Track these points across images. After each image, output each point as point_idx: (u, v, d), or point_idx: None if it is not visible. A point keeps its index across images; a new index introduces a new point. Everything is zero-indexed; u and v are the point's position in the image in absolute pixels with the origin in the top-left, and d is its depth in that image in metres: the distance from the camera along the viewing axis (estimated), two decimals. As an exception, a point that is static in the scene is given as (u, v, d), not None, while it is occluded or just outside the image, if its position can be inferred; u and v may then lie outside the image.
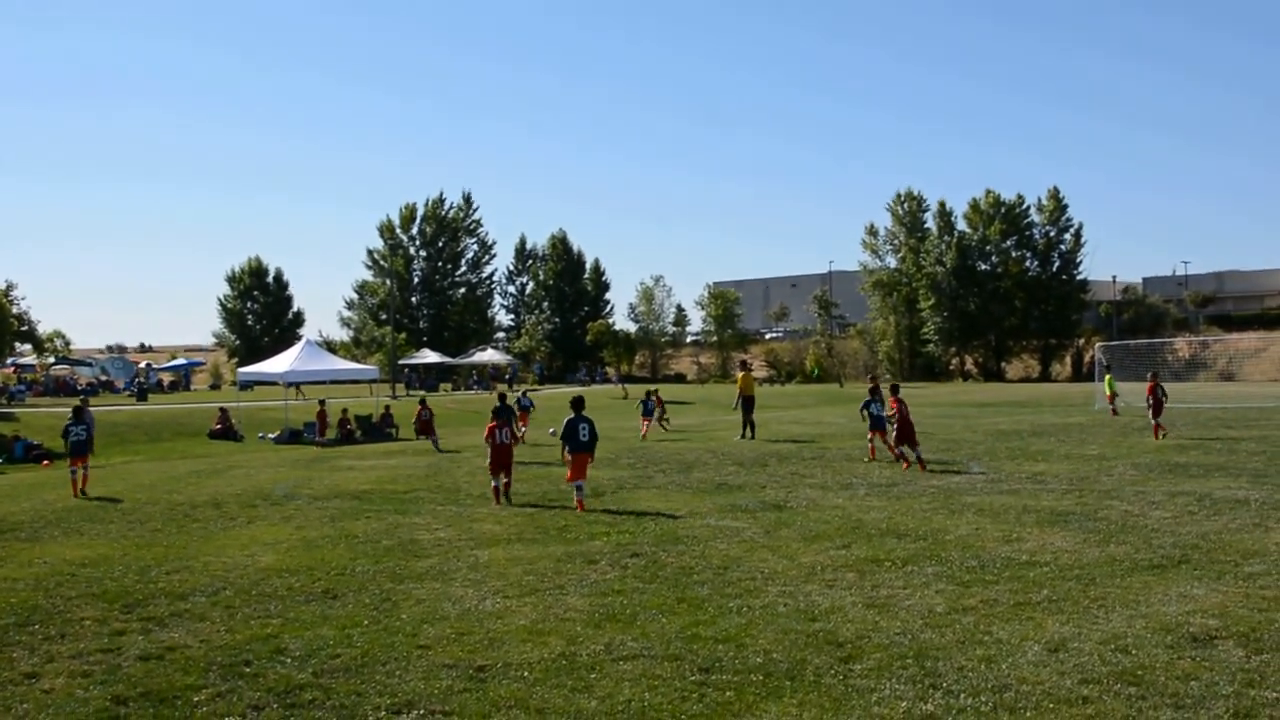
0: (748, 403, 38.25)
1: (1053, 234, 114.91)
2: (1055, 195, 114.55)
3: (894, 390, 28.46)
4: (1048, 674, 9.47)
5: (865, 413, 29.31)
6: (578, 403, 22.14)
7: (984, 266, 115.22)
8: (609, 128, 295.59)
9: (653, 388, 51.72)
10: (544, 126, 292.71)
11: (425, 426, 42.81)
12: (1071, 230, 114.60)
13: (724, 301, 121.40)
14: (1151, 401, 34.54)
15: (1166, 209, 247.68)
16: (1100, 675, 9.38)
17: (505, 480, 22.58)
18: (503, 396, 31.51)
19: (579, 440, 21.32)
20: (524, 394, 50.12)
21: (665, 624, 11.59)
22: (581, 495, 20.98)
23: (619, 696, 9.17)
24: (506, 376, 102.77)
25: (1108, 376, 48.70)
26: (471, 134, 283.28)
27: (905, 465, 25.82)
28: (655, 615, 12.00)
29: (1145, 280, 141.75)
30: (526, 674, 9.87)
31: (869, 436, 29.14)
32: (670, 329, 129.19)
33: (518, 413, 38.23)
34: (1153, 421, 34.07)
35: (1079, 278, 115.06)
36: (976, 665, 9.78)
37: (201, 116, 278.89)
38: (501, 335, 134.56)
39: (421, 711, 8.93)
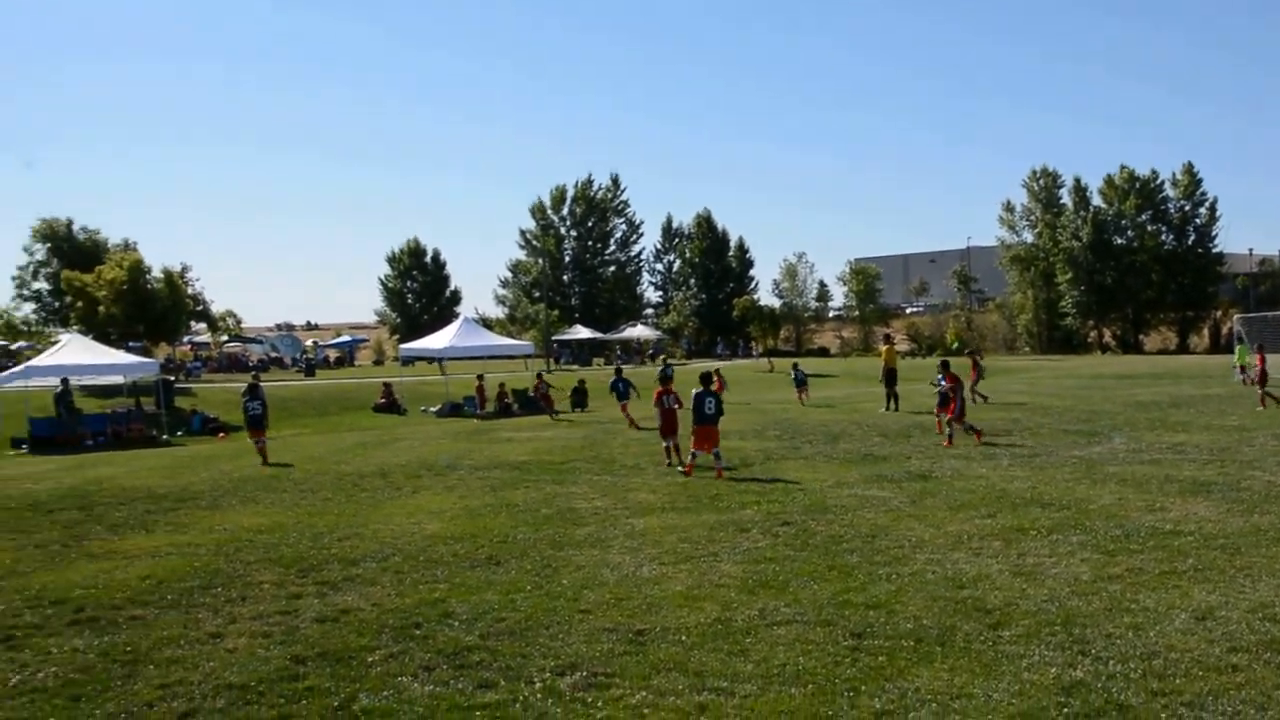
0: (890, 375, 37.89)
1: (1188, 208, 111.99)
2: (1190, 170, 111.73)
3: (944, 366, 27.81)
4: (1196, 642, 9.26)
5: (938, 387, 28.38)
6: (705, 378, 22.69)
7: (1120, 241, 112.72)
8: (752, 111, 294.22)
9: (797, 360, 51.75)
10: (687, 110, 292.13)
11: (544, 399, 43.19)
12: (1206, 204, 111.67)
13: (865, 277, 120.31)
14: (1258, 372, 34.48)
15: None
16: (1249, 644, 9.14)
17: (673, 441, 22.97)
18: (667, 365, 31.52)
19: (704, 413, 21.61)
20: (666, 365, 50.26)
21: (817, 590, 11.54)
22: (720, 464, 21.27)
23: (774, 660, 9.14)
24: (650, 352, 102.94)
25: (1239, 347, 47.52)
26: (620, 118, 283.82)
27: (948, 443, 25.07)
28: (807, 582, 11.95)
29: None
30: (684, 638, 9.88)
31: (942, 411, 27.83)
32: (813, 304, 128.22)
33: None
34: (1259, 391, 33.78)
35: (1214, 250, 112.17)
36: (1124, 633, 9.59)
37: (368, 99, 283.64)
38: (650, 311, 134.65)
39: (584, 673, 8.98)
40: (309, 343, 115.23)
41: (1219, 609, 10.25)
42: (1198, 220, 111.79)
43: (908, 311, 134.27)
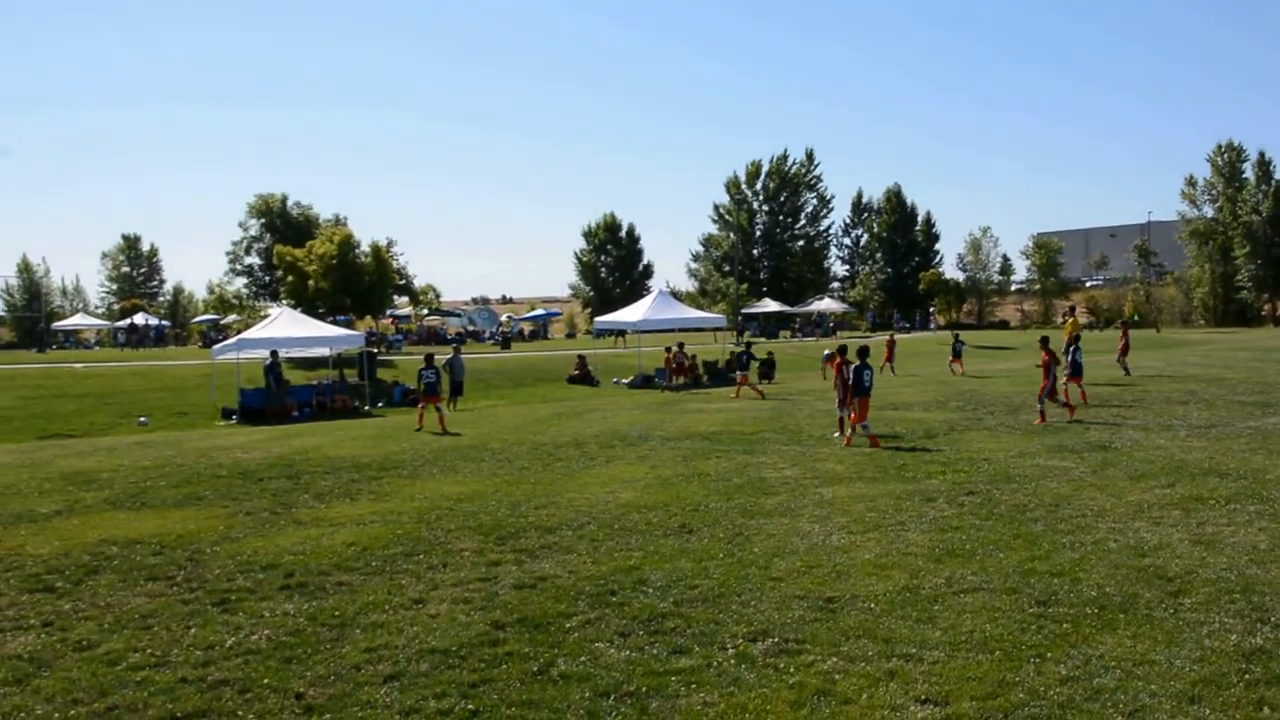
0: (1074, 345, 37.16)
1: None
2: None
3: (1043, 342, 26.62)
4: (1382, 614, 9.02)
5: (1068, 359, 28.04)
6: (863, 352, 22.72)
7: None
8: (946, 86, 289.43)
9: (958, 332, 51.54)
10: (882, 87, 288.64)
11: (680, 370, 43.19)
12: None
13: (1047, 251, 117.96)
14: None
15: None
16: None
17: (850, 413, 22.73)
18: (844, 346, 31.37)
19: (863, 385, 21.79)
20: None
21: (1002, 559, 11.48)
22: (870, 431, 21.54)
23: (961, 627, 9.15)
24: (832, 325, 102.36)
25: None
26: (813, 95, 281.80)
27: (1041, 419, 24.11)
28: (992, 550, 11.90)
29: None
30: (873, 605, 9.92)
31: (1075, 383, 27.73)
32: (996, 278, 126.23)
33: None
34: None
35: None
36: (1305, 602, 9.38)
37: (569, 76, 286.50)
38: (836, 285, 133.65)
39: (776, 640, 9.07)
40: (504, 316, 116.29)
41: (1404, 579, 9.95)
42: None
43: (1087, 285, 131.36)
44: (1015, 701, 7.52)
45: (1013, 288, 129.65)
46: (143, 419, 39.93)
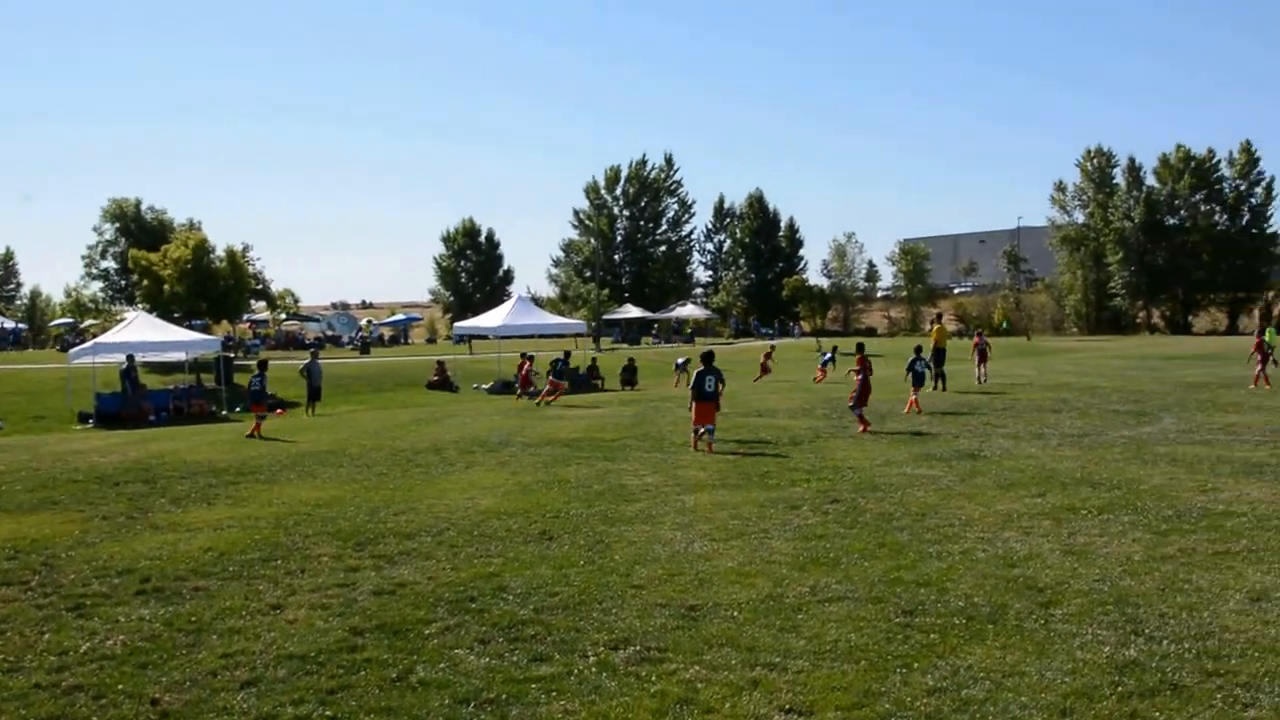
0: (939, 355, 37.81)
1: (1243, 188, 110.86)
2: (1247, 149, 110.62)
3: (859, 349, 27.60)
4: (1251, 623, 9.18)
5: (910, 373, 29.58)
6: (707, 357, 23.34)
7: (1172, 221, 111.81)
8: (806, 91, 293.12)
9: (836, 345, 53.01)
10: (742, 90, 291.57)
11: (524, 381, 43.47)
12: (1263, 184, 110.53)
13: (914, 257, 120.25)
14: (1259, 355, 35.39)
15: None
16: (1305, 626, 9.05)
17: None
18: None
19: (704, 391, 22.27)
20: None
21: (868, 568, 11.52)
22: (711, 439, 21.93)
23: (826, 636, 9.13)
24: (690, 331, 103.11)
25: (1269, 329, 47.21)
26: (674, 97, 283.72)
27: (863, 428, 24.57)
28: (857, 559, 11.93)
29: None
30: (736, 614, 9.88)
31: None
32: (862, 284, 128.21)
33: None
34: (1259, 371, 34.89)
35: (1269, 231, 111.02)
36: (1178, 613, 9.52)
37: (424, 78, 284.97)
38: (700, 291, 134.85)
39: (638, 648, 9.00)
40: (364, 321, 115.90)
41: (1273, 590, 10.15)
42: (1253, 200, 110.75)
43: (956, 291, 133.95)
44: (881, 712, 7.51)
45: (879, 294, 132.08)
46: (-2, 423, 39.26)
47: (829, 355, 48.11)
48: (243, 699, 8.12)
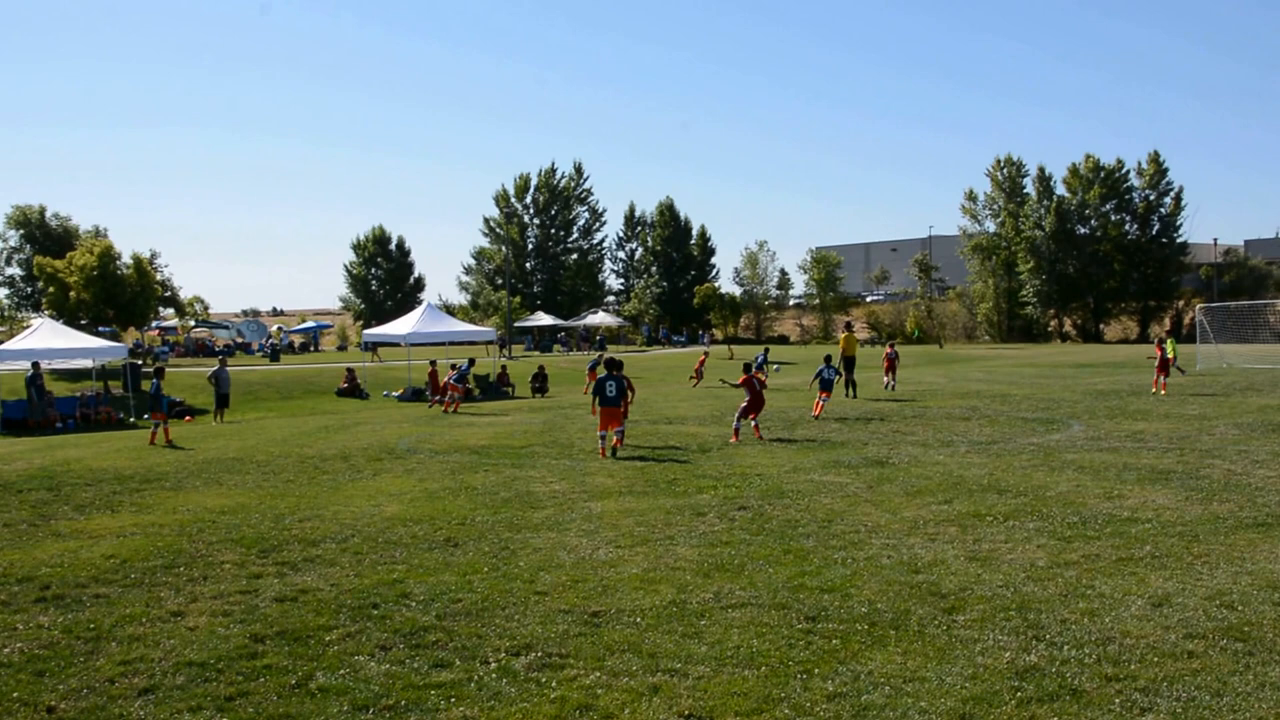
0: (849, 362, 38.13)
1: (1152, 198, 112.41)
2: (1155, 159, 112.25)
3: (745, 369, 27.42)
4: (1152, 628, 9.30)
5: (817, 379, 30.68)
6: (611, 363, 23.53)
7: (1083, 230, 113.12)
8: (717, 97, 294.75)
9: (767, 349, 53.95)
10: (652, 97, 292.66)
11: (434, 385, 43.51)
12: (1172, 194, 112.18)
13: (826, 265, 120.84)
14: (1160, 360, 36.96)
15: (1268, 172, 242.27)
16: (1205, 630, 9.18)
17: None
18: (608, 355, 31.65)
19: (606, 396, 22.54)
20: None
21: (772, 574, 11.56)
22: (605, 444, 22.42)
23: (728, 642, 9.14)
24: (599, 338, 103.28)
25: (1168, 340, 48.42)
26: (583, 105, 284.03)
27: (735, 438, 24.67)
28: (762, 566, 11.97)
29: (1247, 243, 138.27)
30: (639, 620, 9.88)
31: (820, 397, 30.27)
32: (774, 292, 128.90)
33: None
34: (1157, 376, 36.53)
35: (1179, 241, 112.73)
36: (1079, 618, 9.63)
37: (334, 86, 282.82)
38: (611, 299, 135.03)
39: (539, 654, 8.98)
40: (274, 328, 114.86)
41: (1175, 596, 10.29)
42: (1162, 210, 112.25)
43: (868, 300, 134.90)
44: (780, 717, 7.52)
45: (791, 302, 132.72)
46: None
47: (761, 357, 48.75)
48: (140, 706, 8.05)
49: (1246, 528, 13.48)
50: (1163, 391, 35.38)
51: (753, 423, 25.05)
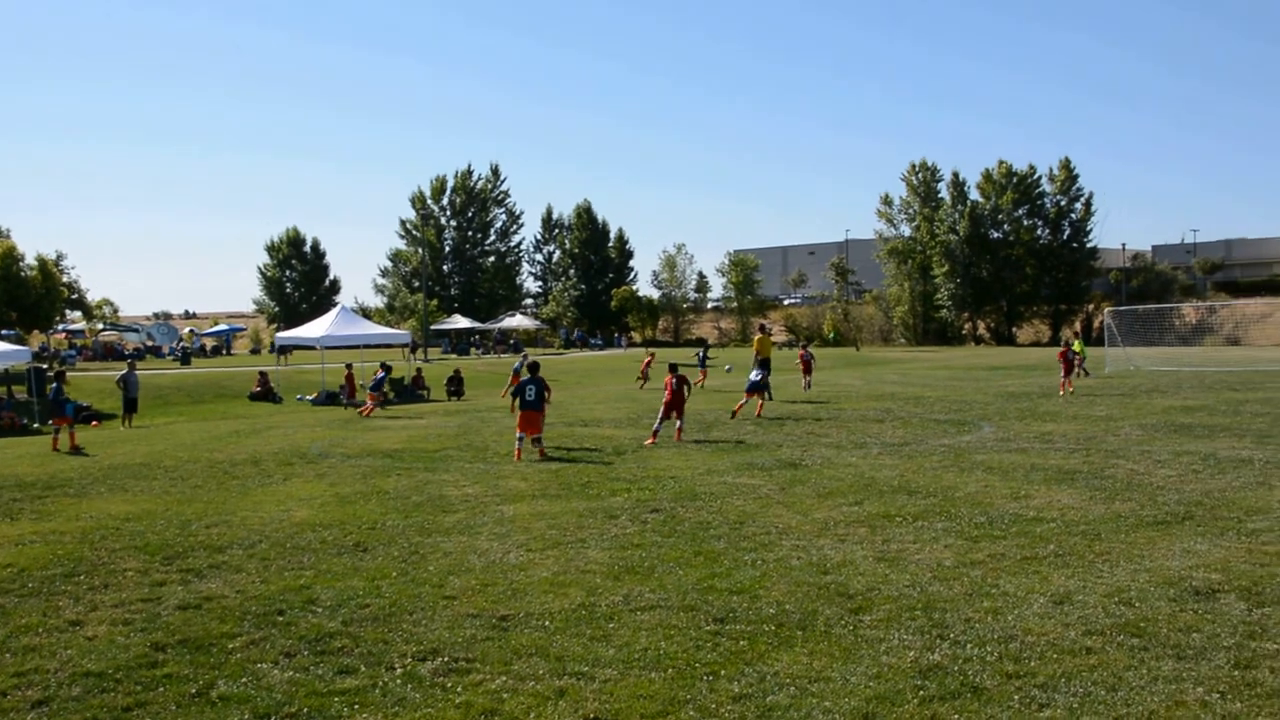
0: (764, 365, 38.34)
1: (1064, 203, 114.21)
2: (1066, 166, 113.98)
3: (671, 369, 27.36)
4: (1052, 625, 9.42)
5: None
6: (533, 367, 23.83)
7: (996, 234, 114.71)
8: (633, 100, 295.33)
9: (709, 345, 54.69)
10: (569, 100, 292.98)
11: (349, 388, 44.26)
12: (1082, 200, 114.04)
13: (744, 268, 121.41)
14: (1064, 363, 38.73)
15: (1176, 178, 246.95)
16: (1104, 627, 9.33)
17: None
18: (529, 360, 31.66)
19: (525, 399, 22.67)
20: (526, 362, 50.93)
21: (682, 576, 11.58)
22: (521, 446, 22.54)
23: (636, 645, 9.16)
24: (512, 341, 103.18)
25: (1076, 341, 49.69)
26: (500, 107, 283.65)
27: (651, 441, 24.93)
28: (672, 568, 11.99)
29: (1155, 248, 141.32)
30: (547, 623, 9.87)
31: (756, 397, 31.25)
32: (692, 295, 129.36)
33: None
34: (1063, 379, 38.37)
35: (1089, 245, 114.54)
36: (983, 617, 9.74)
37: (250, 89, 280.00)
38: (529, 302, 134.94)
39: (446, 659, 8.93)
40: (186, 331, 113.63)
41: (1076, 593, 10.44)
42: (1073, 215, 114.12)
43: (786, 303, 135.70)
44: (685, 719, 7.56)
45: (709, 305, 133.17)
46: None
47: (702, 354, 49.56)
48: (33, 719, 7.93)
49: (1146, 526, 13.71)
50: (1070, 389, 37.05)
51: (677, 424, 25.19)
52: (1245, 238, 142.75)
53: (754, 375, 31.19)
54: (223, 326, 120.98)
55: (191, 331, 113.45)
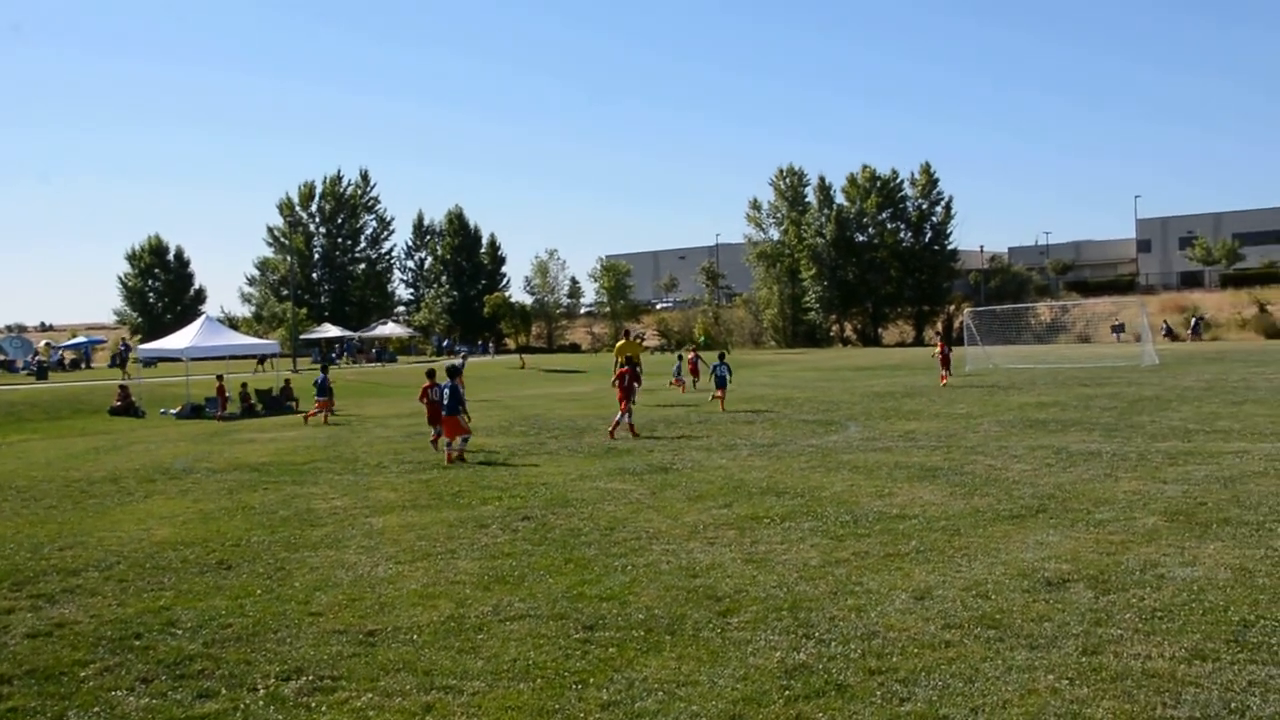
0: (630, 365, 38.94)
1: (925, 207, 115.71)
2: (927, 170, 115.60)
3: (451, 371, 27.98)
4: (913, 620, 9.57)
5: (714, 374, 36.04)
6: (452, 371, 24.57)
7: (861, 238, 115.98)
8: (504, 103, 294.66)
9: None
10: (436, 102, 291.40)
11: (221, 398, 44.78)
12: (942, 203, 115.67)
13: (615, 273, 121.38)
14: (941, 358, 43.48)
15: (1028, 183, 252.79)
16: (962, 620, 9.50)
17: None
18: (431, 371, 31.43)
19: (444, 404, 23.37)
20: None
21: (552, 584, 11.56)
22: (463, 446, 23.09)
23: (505, 656, 9.11)
24: (374, 349, 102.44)
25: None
26: (367, 111, 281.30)
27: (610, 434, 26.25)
28: (543, 576, 11.96)
29: (1010, 250, 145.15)
30: (415, 637, 9.77)
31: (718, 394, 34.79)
32: (565, 300, 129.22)
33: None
34: (942, 372, 42.83)
35: (949, 248, 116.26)
36: (847, 614, 9.85)
37: (113, 91, 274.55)
38: (401, 309, 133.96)
39: (310, 677, 8.79)
40: (42, 344, 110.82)
41: (936, 588, 10.62)
42: (934, 219, 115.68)
43: (658, 307, 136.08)
44: (554, 729, 7.54)
45: (583, 310, 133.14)
46: None
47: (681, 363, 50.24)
48: None
49: (1003, 520, 14.03)
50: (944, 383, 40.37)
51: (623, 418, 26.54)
52: (1093, 240, 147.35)
53: (720, 369, 35.94)
54: (81, 339, 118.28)
55: (48, 344, 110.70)
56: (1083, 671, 8.12)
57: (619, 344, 40.13)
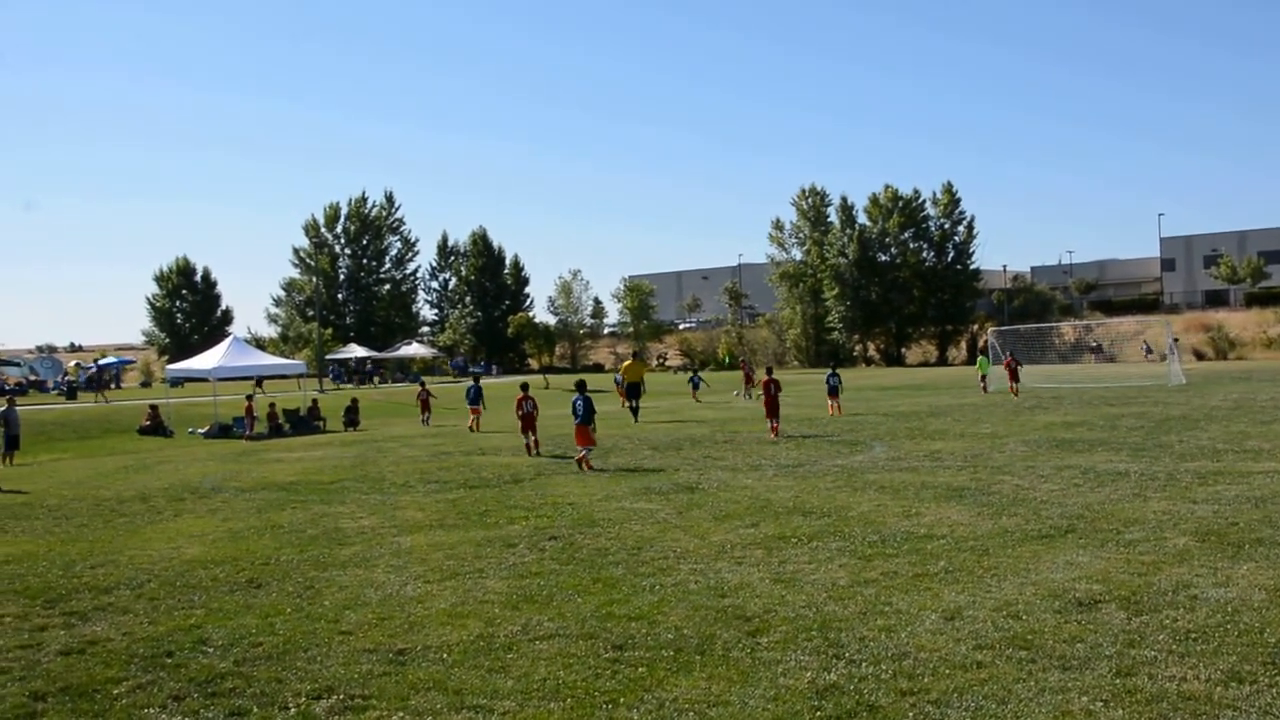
0: (633, 388, 39.39)
1: (947, 226, 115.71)
2: (949, 190, 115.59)
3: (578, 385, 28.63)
4: (944, 641, 9.47)
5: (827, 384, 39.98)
6: (580, 385, 26.21)
7: (884, 258, 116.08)
8: (526, 126, 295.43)
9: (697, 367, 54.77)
10: (463, 126, 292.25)
11: (250, 419, 45.23)
12: (965, 223, 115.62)
13: (639, 294, 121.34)
14: (1009, 370, 47.33)
15: (1053, 201, 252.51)
16: (993, 640, 9.40)
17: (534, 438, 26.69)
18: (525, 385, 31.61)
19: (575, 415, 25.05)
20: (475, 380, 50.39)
21: (580, 604, 11.50)
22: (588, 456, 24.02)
23: (534, 675, 9.05)
24: (375, 369, 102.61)
25: (980, 358, 51.45)
26: (394, 136, 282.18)
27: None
28: (571, 595, 11.91)
29: (1033, 269, 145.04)
30: (445, 656, 9.73)
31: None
32: (588, 321, 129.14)
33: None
34: (1010, 384, 46.59)
35: (972, 267, 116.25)
36: (877, 635, 9.76)
37: (130, 126, 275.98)
38: (426, 329, 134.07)
39: (341, 696, 8.74)
40: (71, 364, 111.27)
41: (966, 609, 10.52)
42: (956, 238, 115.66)
43: (681, 327, 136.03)
44: (585, 750, 7.49)
45: (606, 330, 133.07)
46: None
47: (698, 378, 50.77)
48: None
49: (1031, 540, 13.89)
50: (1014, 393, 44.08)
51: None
52: (1116, 258, 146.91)
53: (833, 380, 41.34)
54: (111, 359, 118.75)
55: (78, 364, 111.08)
56: (1117, 694, 8.01)
57: (624, 364, 40.51)
